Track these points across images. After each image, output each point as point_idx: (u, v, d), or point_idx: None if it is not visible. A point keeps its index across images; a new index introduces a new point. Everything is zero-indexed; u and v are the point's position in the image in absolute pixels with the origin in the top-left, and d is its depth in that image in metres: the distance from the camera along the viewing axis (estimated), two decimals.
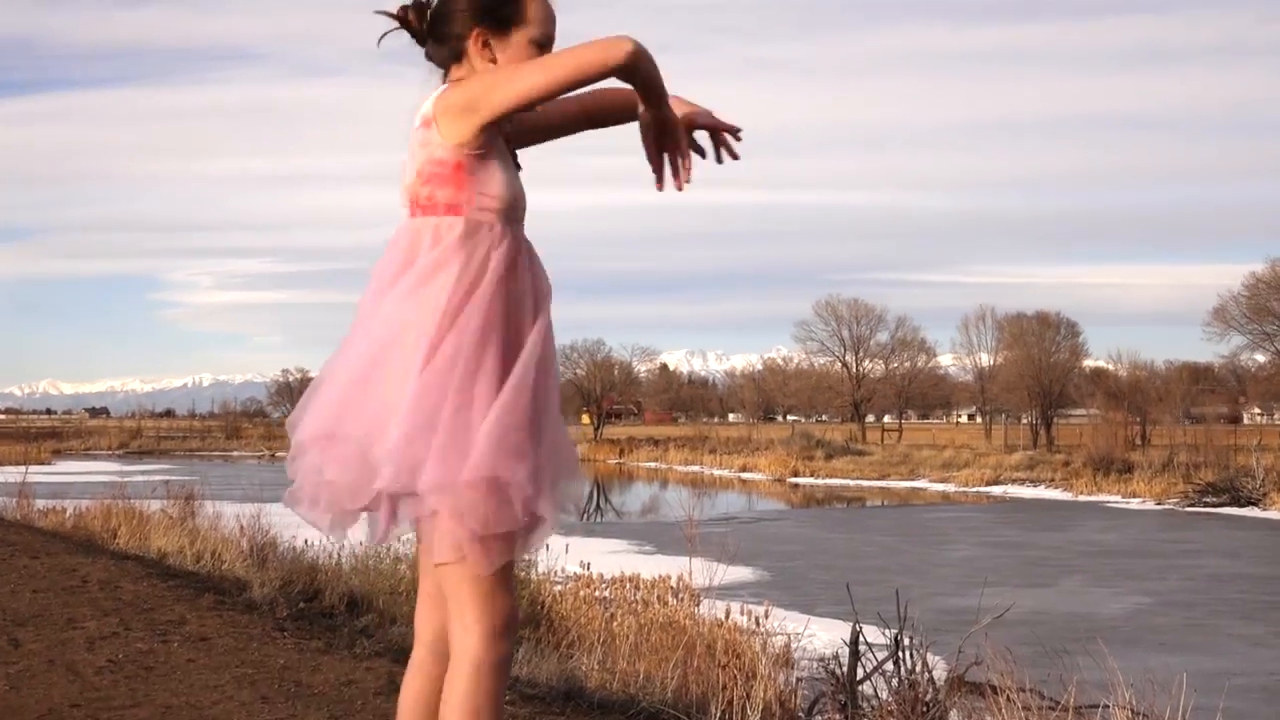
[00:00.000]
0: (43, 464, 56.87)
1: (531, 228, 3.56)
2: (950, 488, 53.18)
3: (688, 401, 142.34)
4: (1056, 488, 50.11)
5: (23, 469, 21.30)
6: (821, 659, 8.83)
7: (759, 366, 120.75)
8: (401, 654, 7.98)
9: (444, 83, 3.52)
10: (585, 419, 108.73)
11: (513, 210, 3.47)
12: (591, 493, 54.49)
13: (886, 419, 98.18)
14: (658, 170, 3.60)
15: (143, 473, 41.38)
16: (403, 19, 3.56)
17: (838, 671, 8.00)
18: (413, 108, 3.50)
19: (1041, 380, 75.77)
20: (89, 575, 10.53)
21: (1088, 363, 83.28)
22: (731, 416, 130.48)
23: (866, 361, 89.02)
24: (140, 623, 8.43)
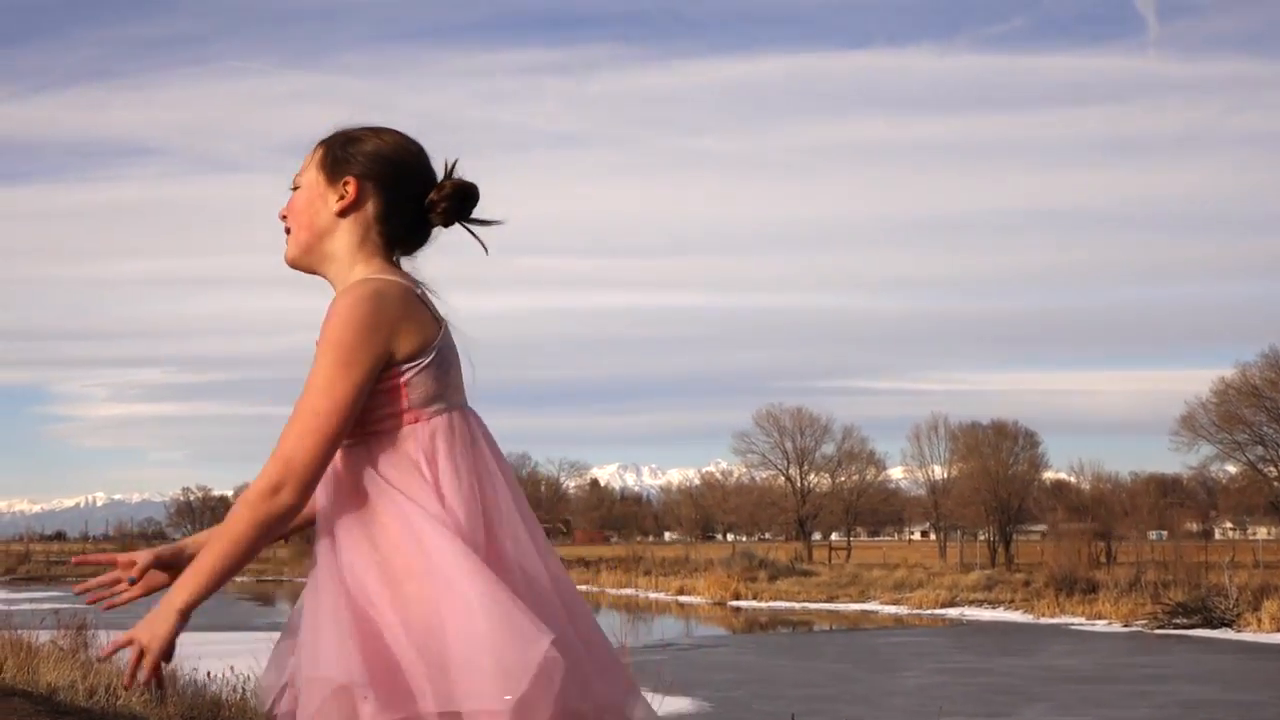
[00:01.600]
0: None
1: (453, 332, 3.54)
2: (903, 610, 53.18)
3: (621, 519, 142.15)
4: (1017, 609, 50.20)
5: None
6: None
7: (696, 481, 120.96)
8: None
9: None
10: None
11: None
12: None
13: (834, 536, 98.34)
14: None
15: (30, 600, 40.98)
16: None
17: None
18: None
19: (999, 494, 76.17)
20: None
21: (1048, 475, 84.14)
22: (668, 535, 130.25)
23: (812, 475, 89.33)
24: None
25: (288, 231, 3.52)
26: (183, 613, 3.18)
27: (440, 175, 3.56)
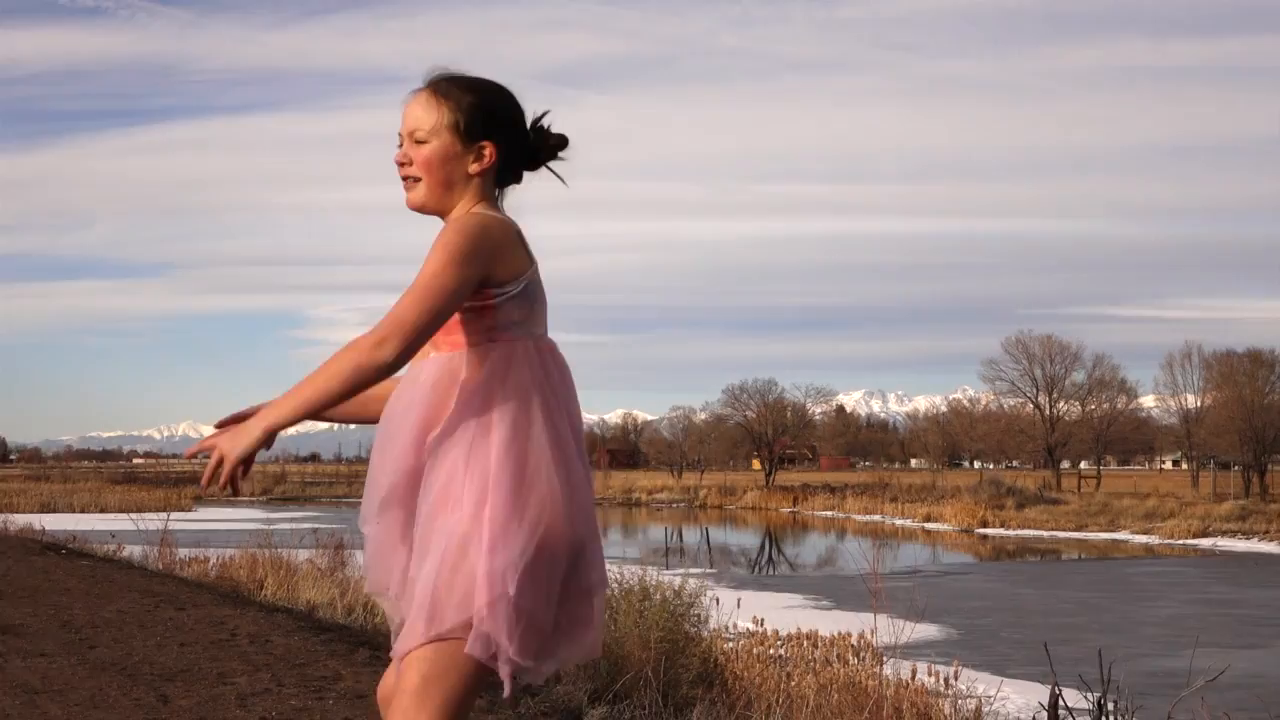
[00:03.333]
0: (184, 511, 57.97)
1: (696, 258, 3.62)
2: (1154, 540, 52.42)
3: (866, 446, 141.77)
4: (1271, 541, 49.22)
5: (164, 516, 21.70)
6: None
7: (943, 409, 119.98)
8: (569, 713, 8.03)
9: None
10: (756, 464, 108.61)
11: None
12: (764, 543, 54.40)
13: (1083, 465, 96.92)
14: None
15: (288, 520, 41.98)
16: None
17: None
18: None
19: (1254, 424, 74.42)
20: (238, 628, 10.71)
21: None
22: (914, 462, 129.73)
23: (1061, 403, 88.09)
24: (293, 678, 8.56)
25: (409, 179, 3.83)
26: (267, 430, 3.51)
27: (530, 122, 3.88)
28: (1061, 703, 7.97)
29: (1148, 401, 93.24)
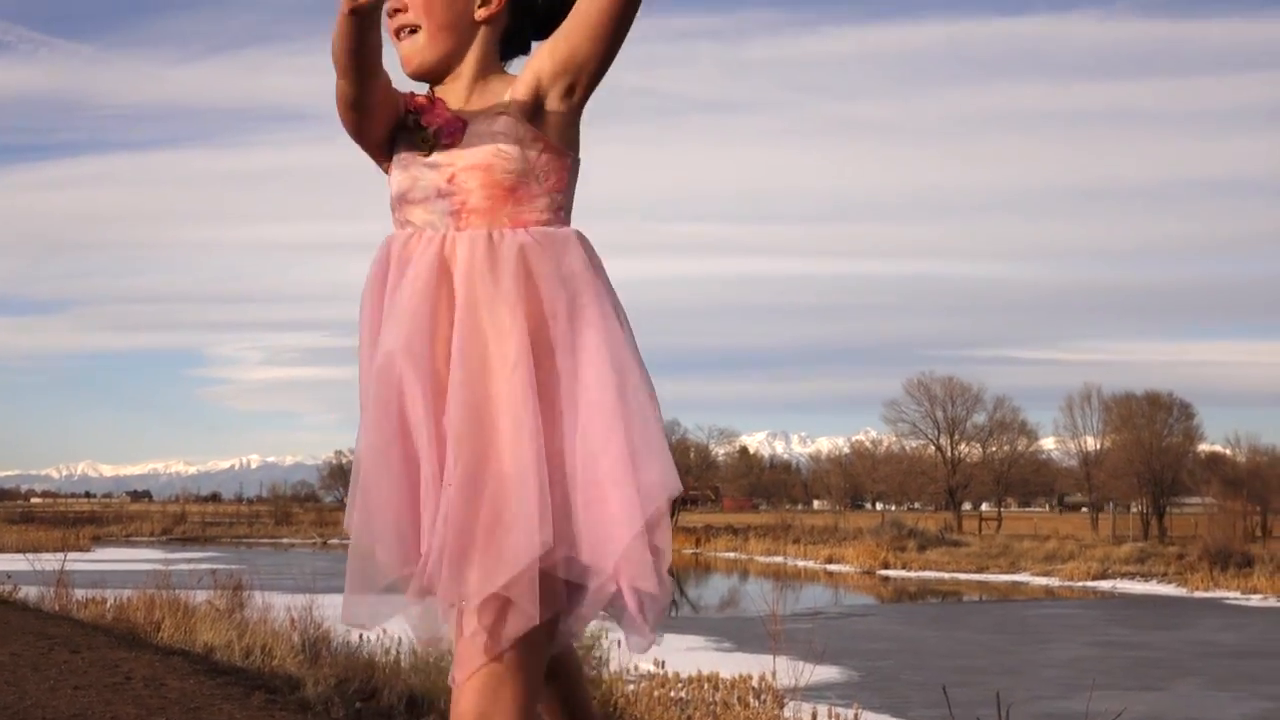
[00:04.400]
0: (82, 551, 57.22)
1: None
2: (1054, 582, 52.76)
3: (769, 487, 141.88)
4: (1170, 583, 49.63)
5: (61, 556, 21.46)
6: None
7: (846, 450, 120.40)
8: None
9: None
10: None
11: (394, 204, 3.35)
12: None
13: (984, 507, 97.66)
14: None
15: (187, 561, 41.54)
16: None
17: None
18: None
19: (1153, 466, 75.25)
20: (132, 671, 10.60)
21: (1203, 447, 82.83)
22: (816, 504, 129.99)
23: (962, 445, 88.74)
24: None
25: (403, 29, 3.32)
26: None
27: None
28: None
29: (1048, 444, 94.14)
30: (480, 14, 3.28)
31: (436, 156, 3.23)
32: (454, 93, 3.30)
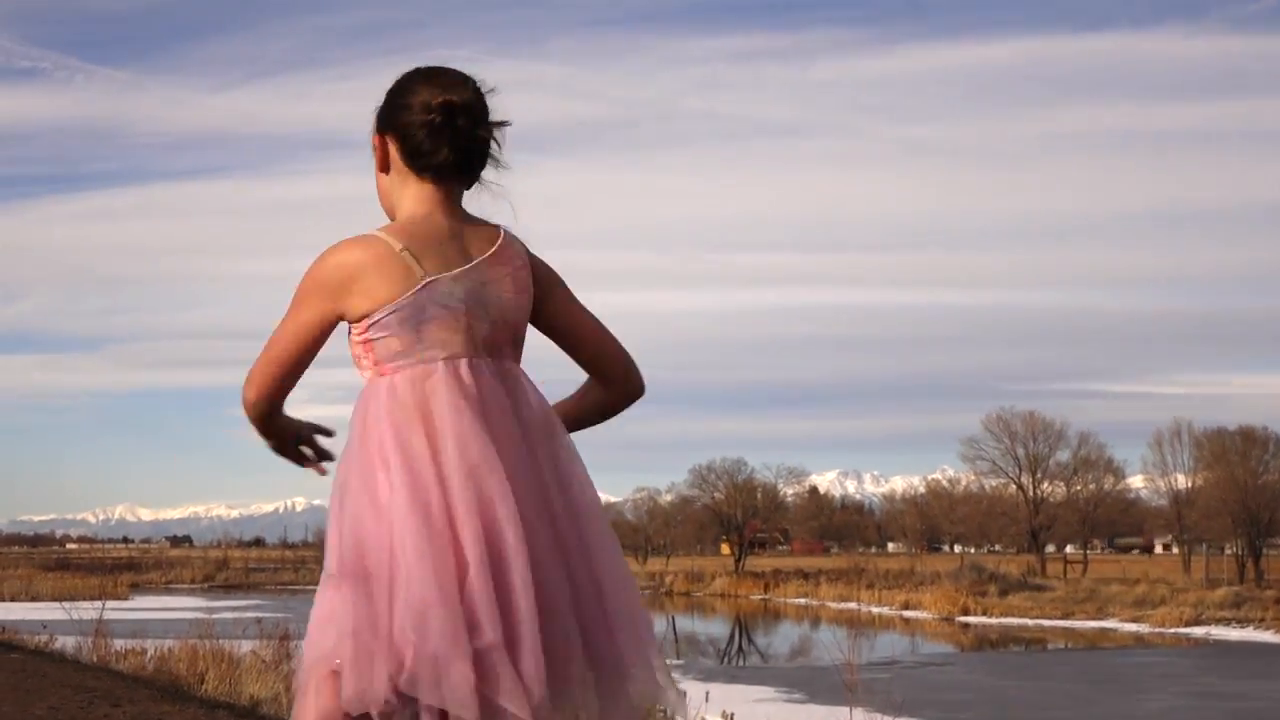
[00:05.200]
0: (120, 599, 57.49)
1: (659, 332, 3.61)
2: (1144, 628, 52.41)
3: (841, 529, 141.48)
4: (1268, 629, 49.24)
5: (98, 605, 21.54)
6: None
7: (921, 489, 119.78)
8: None
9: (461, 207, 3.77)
10: (725, 549, 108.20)
11: None
12: (734, 632, 54.27)
13: (1069, 549, 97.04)
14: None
15: (231, 609, 41.73)
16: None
17: None
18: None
19: (1248, 505, 74.60)
20: None
21: None
22: (891, 546, 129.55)
23: (1045, 484, 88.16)
24: None
25: None
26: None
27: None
28: None
29: (1136, 482, 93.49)
30: (375, 168, 3.77)
31: None
32: None
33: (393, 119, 3.66)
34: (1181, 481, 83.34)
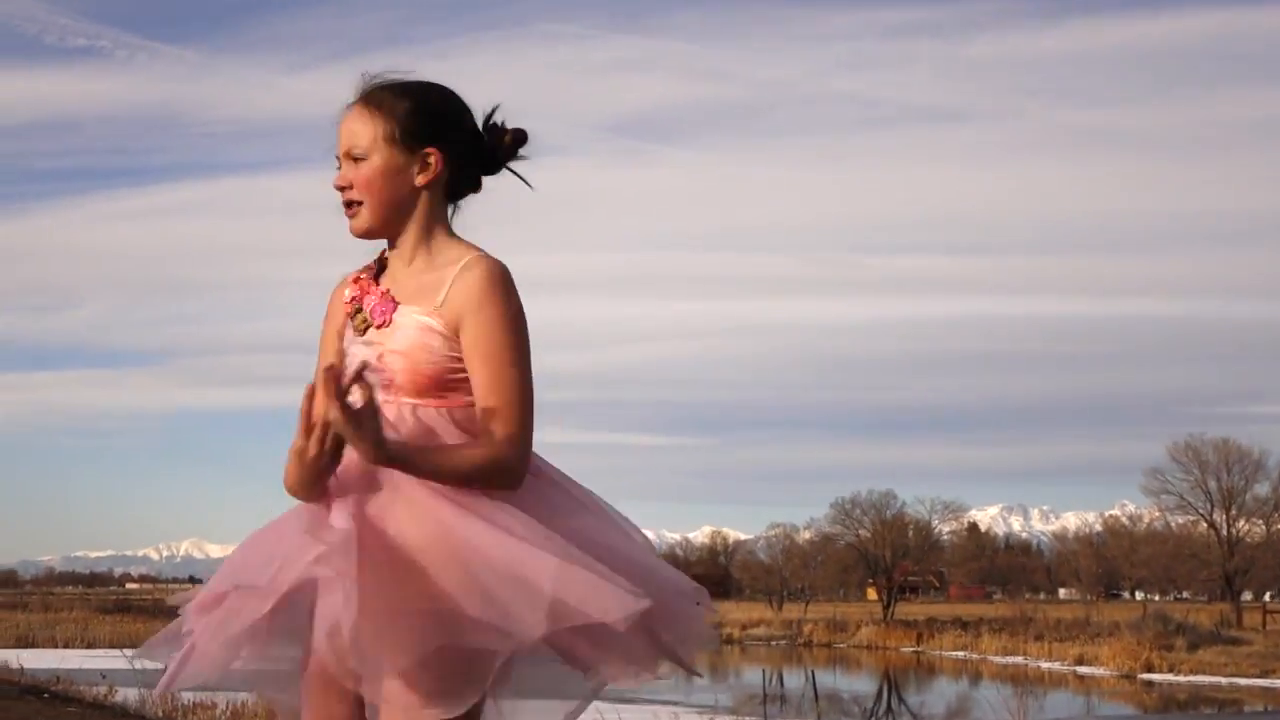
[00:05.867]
0: None
1: (796, 345, 3.52)
2: None
3: (1004, 572, 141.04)
4: None
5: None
6: None
7: (1098, 527, 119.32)
8: None
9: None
10: (872, 594, 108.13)
11: None
12: (882, 690, 54.10)
13: (1268, 597, 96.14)
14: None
15: None
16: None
17: None
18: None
19: None
20: None
21: None
22: (1062, 592, 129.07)
23: (1241, 521, 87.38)
24: None
25: (351, 204, 4.10)
26: (387, 448, 3.77)
27: (480, 121, 4.18)
28: None
29: None
30: (420, 180, 4.08)
31: (370, 334, 4.07)
32: (400, 255, 4.13)
33: (459, 140, 4.12)
34: None
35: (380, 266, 4.17)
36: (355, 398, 3.76)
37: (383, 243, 4.16)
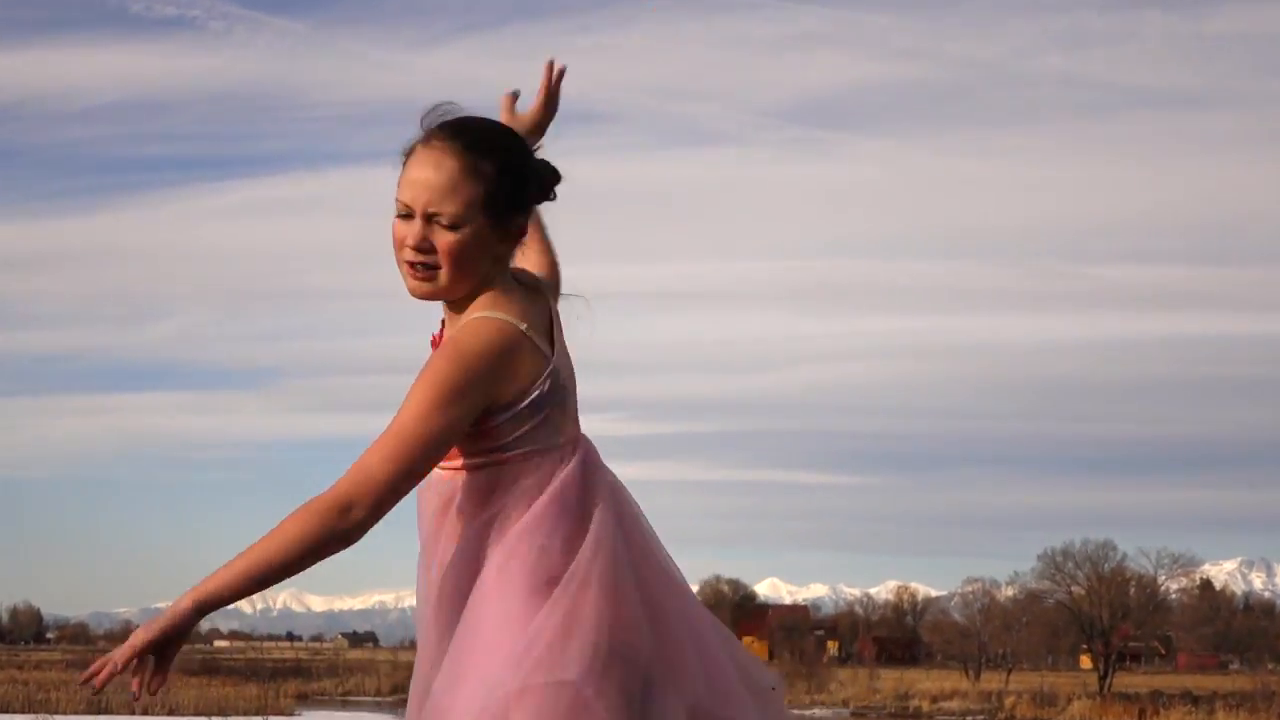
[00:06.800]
0: (284, 715, 58.40)
1: (999, 368, 3.45)
2: None
3: (1243, 637, 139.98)
4: None
5: None
6: None
7: None
8: None
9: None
10: (1086, 661, 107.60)
11: None
12: None
13: None
14: None
15: None
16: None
17: None
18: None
19: None
20: None
21: None
22: None
23: None
24: None
25: (419, 265, 4.22)
26: (196, 604, 3.96)
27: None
28: None
29: None
30: (502, 250, 4.26)
31: None
32: (451, 309, 4.31)
33: (533, 196, 4.33)
34: None
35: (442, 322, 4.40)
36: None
37: None
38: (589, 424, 4.31)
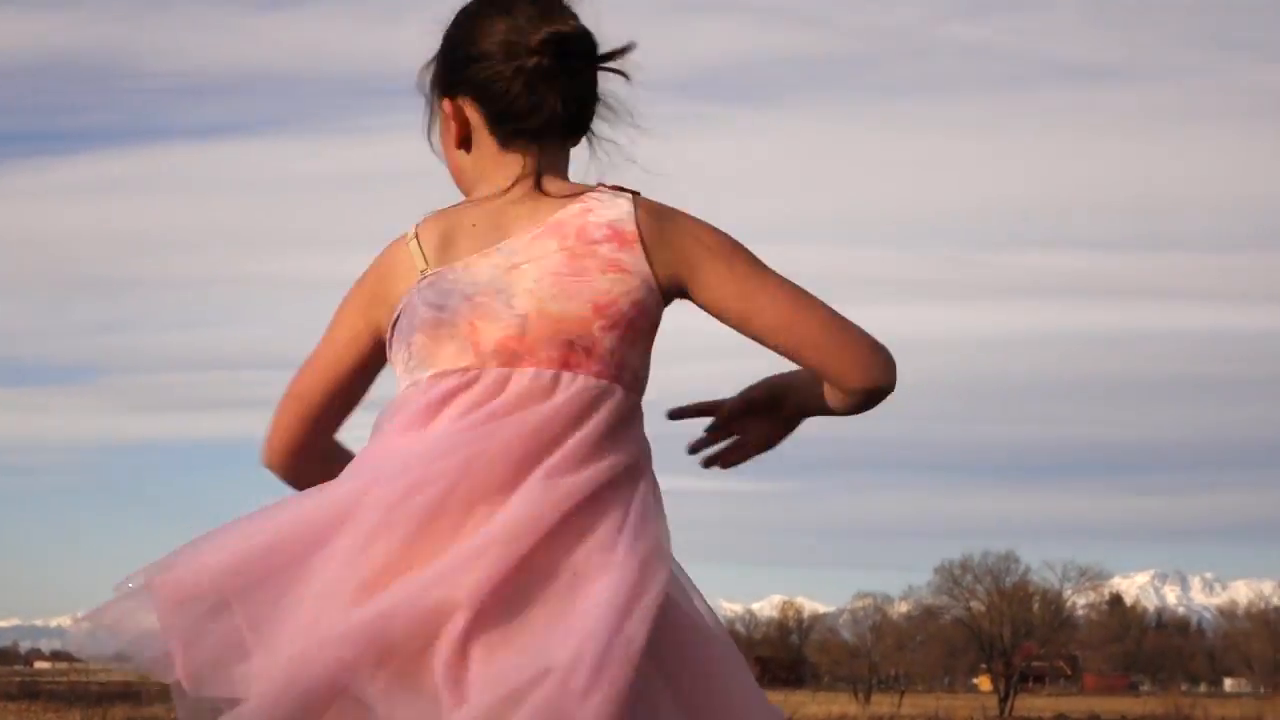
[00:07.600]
0: None
1: (903, 366, 4.32)
2: None
3: (1154, 657, 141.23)
4: None
5: None
6: None
7: (1275, 601, 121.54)
8: None
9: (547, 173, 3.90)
10: (984, 683, 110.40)
11: None
12: None
13: None
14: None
15: None
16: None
17: None
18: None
19: None
20: None
21: None
22: (1229, 683, 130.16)
23: None
24: None
25: None
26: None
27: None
28: None
29: None
30: (453, 143, 4.04)
31: None
32: None
33: (468, 74, 3.89)
34: None
35: None
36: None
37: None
38: None
